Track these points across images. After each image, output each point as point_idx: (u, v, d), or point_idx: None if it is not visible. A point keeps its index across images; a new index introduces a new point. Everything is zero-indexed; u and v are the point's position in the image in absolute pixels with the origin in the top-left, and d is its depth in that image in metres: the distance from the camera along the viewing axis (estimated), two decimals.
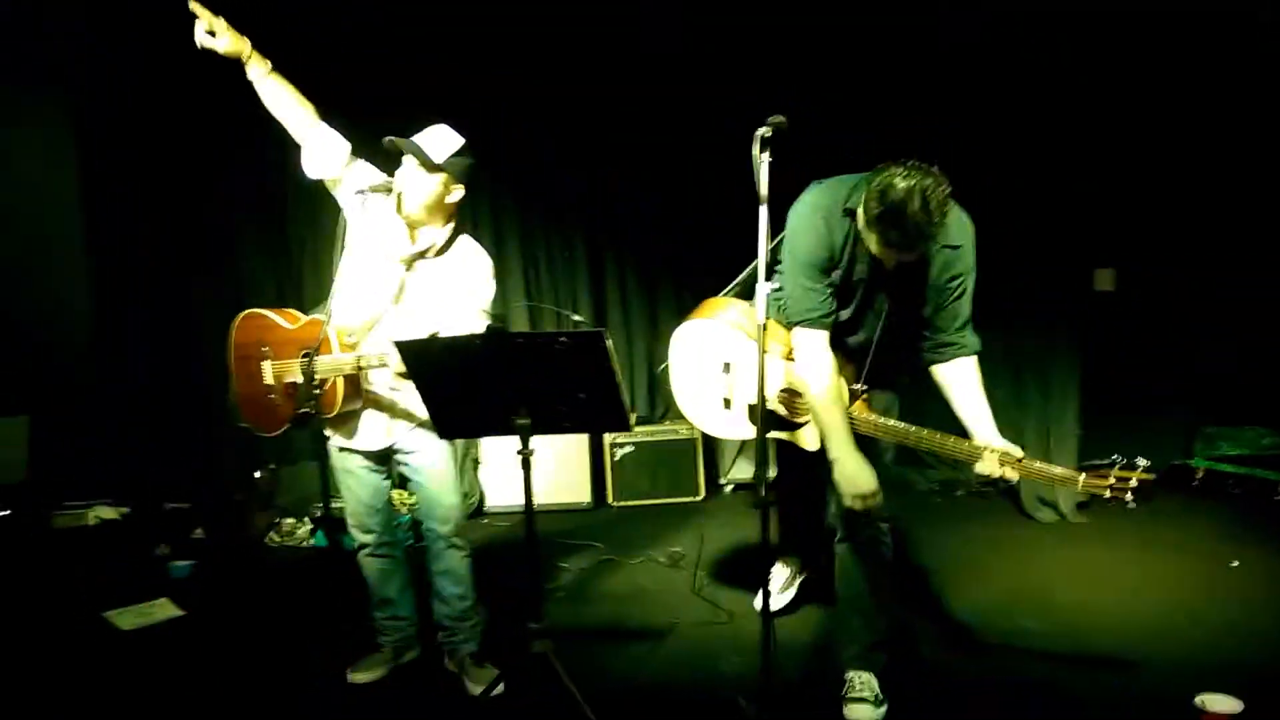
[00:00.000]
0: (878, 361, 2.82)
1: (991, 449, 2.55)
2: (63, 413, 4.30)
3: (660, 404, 6.00)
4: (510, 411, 2.51)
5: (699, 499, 5.38)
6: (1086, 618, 3.41)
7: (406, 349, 2.51)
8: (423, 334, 2.65)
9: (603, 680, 3.02)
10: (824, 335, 2.71)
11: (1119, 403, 5.43)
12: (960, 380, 2.72)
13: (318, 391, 2.76)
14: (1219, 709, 2.42)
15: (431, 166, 2.79)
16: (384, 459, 3.10)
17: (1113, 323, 5.28)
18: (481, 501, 5.32)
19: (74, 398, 4.53)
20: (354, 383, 2.88)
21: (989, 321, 5.07)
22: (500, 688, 2.86)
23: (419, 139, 2.83)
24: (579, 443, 5.30)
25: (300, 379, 2.77)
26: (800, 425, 3.00)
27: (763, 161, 2.38)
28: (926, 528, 4.57)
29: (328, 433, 3.02)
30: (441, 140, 2.83)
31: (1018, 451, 2.55)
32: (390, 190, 2.82)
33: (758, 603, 3.77)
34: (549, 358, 2.41)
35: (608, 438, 5.36)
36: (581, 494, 5.36)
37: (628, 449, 5.39)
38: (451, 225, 2.93)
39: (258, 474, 4.96)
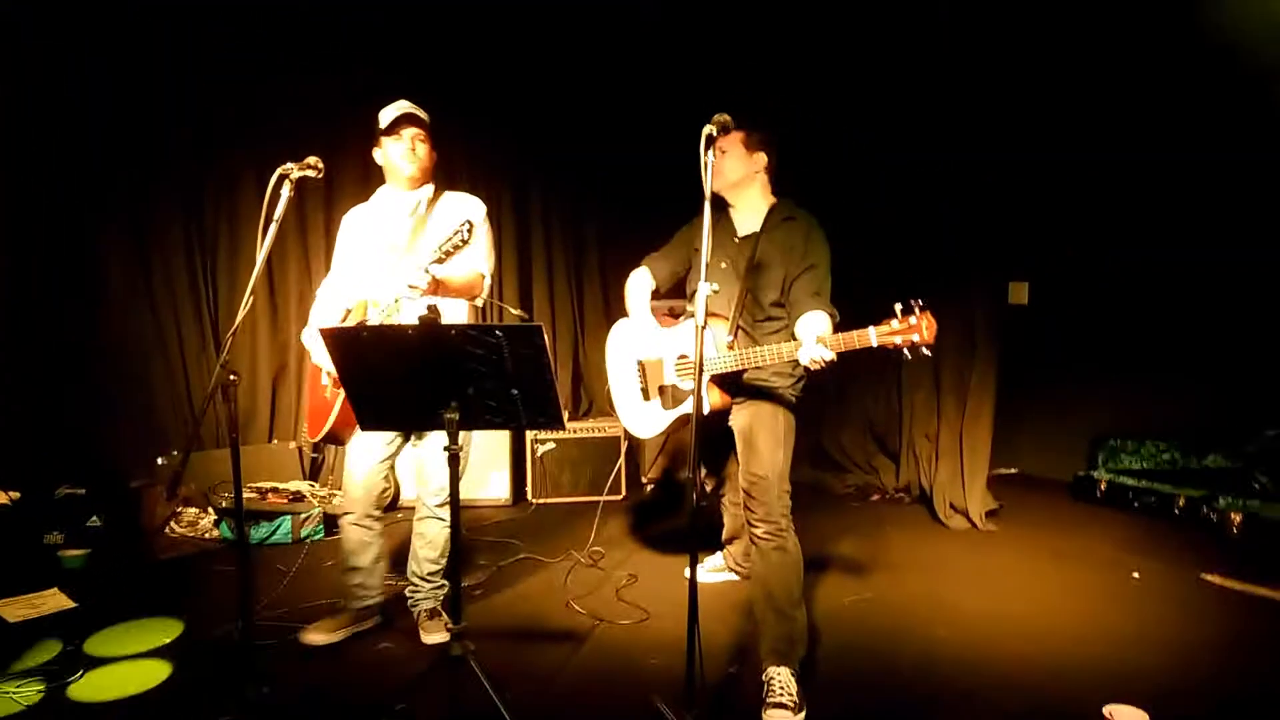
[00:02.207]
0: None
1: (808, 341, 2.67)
2: None
3: (585, 400, 5.96)
4: (439, 405, 2.44)
5: (620, 498, 5.35)
6: (996, 626, 3.48)
7: (330, 336, 2.40)
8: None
9: (523, 682, 2.96)
10: None
11: (1028, 413, 5.63)
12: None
13: None
14: (1127, 719, 2.49)
15: (427, 128, 3.24)
16: (404, 436, 3.34)
17: (1025, 335, 5.45)
18: (397, 495, 5.19)
19: None
20: None
21: None
22: (445, 639, 2.92)
23: (405, 108, 3.21)
24: (499, 438, 5.22)
25: None
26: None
27: (708, 159, 2.37)
28: (842, 532, 4.63)
29: None
30: (417, 107, 3.25)
31: (826, 333, 2.69)
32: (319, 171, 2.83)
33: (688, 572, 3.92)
34: (483, 350, 2.34)
35: (530, 433, 5.29)
36: (500, 490, 5.28)
37: (550, 446, 5.32)
38: (433, 183, 3.34)
39: (160, 460, 4.74)
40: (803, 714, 2.74)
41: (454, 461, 2.49)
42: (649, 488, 5.58)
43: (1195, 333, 5.10)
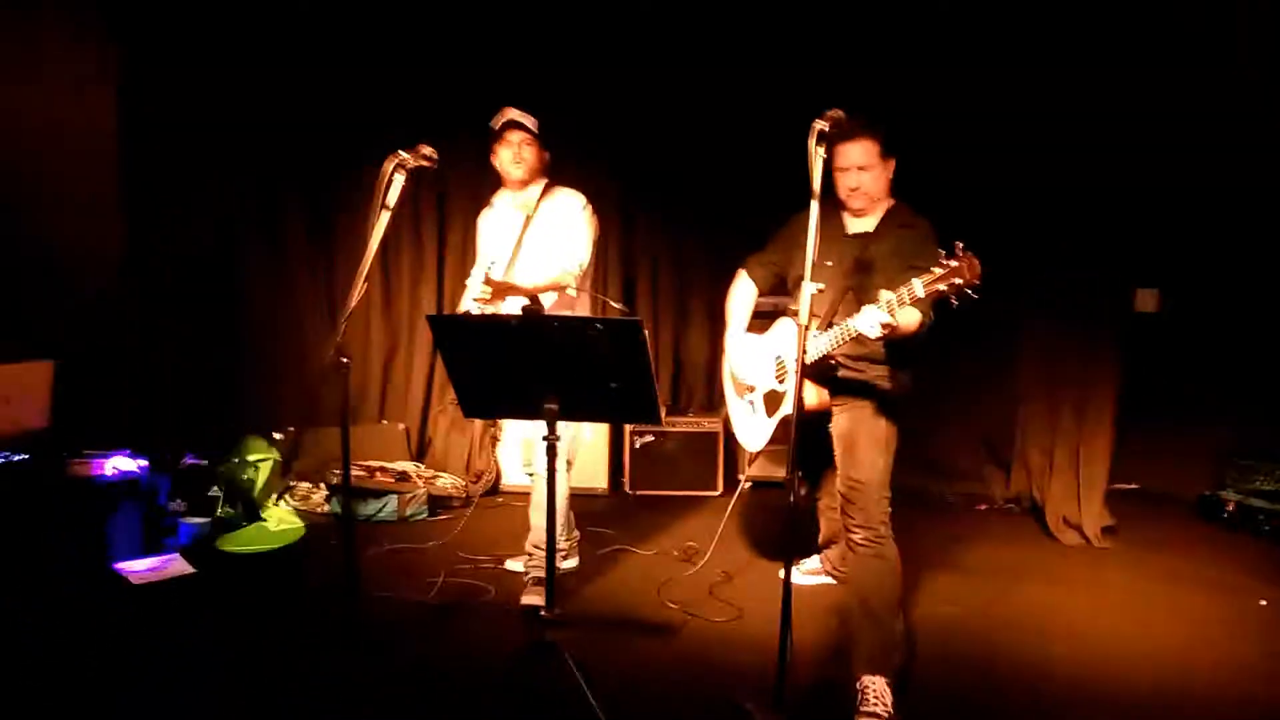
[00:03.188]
0: None
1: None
2: (86, 360, 4.27)
3: (684, 395, 5.94)
4: (539, 395, 2.47)
5: (717, 493, 5.33)
6: (1107, 646, 3.31)
7: (438, 323, 2.46)
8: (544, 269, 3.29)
9: (611, 671, 2.96)
10: None
11: (1153, 428, 5.34)
12: None
13: None
14: None
15: (533, 133, 3.50)
16: None
17: (1153, 345, 5.17)
18: (497, 480, 5.29)
19: (98, 346, 4.51)
20: None
21: (1031, 332, 5.04)
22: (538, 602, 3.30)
23: (512, 115, 3.48)
24: (599, 428, 5.26)
25: None
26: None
27: (818, 156, 2.32)
28: (947, 541, 4.49)
29: None
30: (523, 114, 3.51)
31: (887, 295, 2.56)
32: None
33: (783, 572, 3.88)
34: (583, 344, 2.36)
35: (629, 425, 5.32)
36: (598, 480, 5.32)
37: (648, 438, 5.34)
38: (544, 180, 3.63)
39: (277, 435, 4.95)
40: None
41: (551, 451, 2.51)
42: (746, 486, 5.52)
43: None
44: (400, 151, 2.82)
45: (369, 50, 5.26)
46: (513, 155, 3.51)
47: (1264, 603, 3.76)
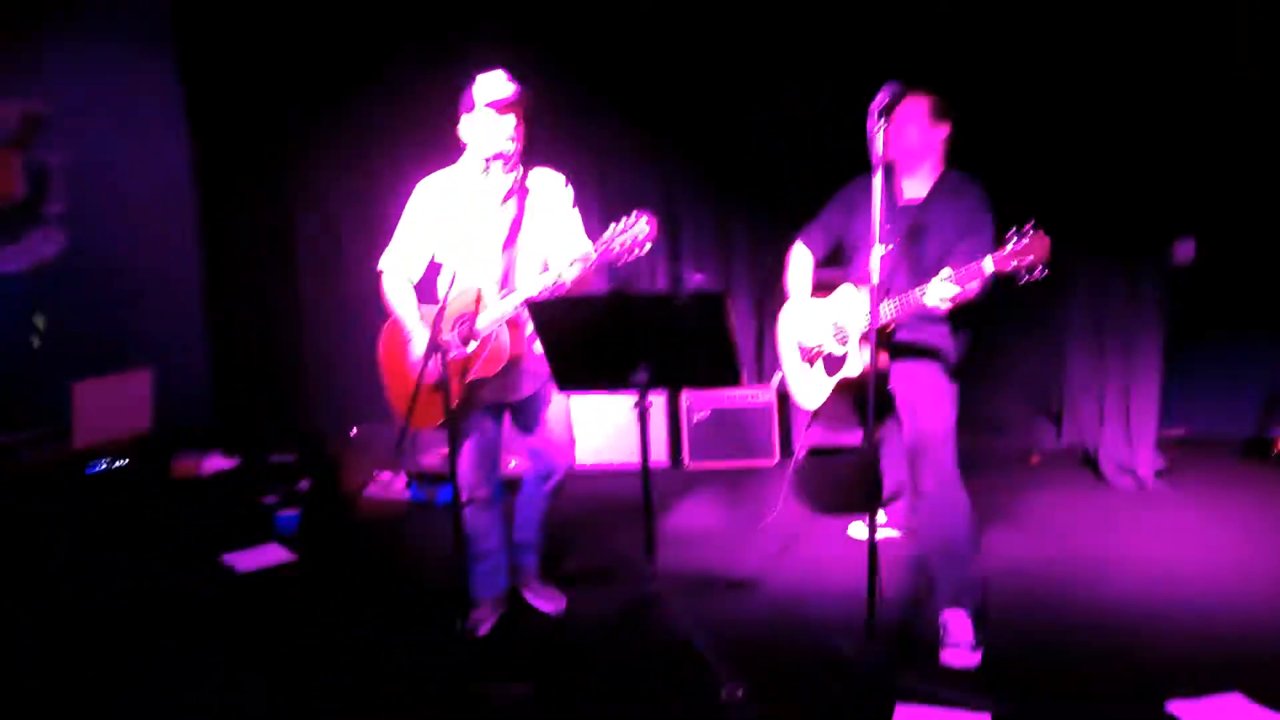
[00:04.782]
0: None
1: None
2: (180, 367, 4.54)
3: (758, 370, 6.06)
4: (628, 367, 2.66)
5: (774, 463, 5.50)
6: (1171, 584, 3.46)
7: (536, 307, 2.66)
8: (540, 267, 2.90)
9: (709, 623, 3.08)
10: None
11: (1198, 372, 5.45)
12: None
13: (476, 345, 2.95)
14: None
15: (519, 110, 2.94)
16: (499, 412, 3.23)
17: (1195, 292, 5.28)
18: None
19: (188, 356, 4.78)
20: (518, 330, 2.98)
21: (1073, 285, 5.17)
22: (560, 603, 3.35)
23: (497, 88, 2.91)
24: (656, 404, 5.42)
25: (462, 347, 2.94)
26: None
27: (881, 126, 2.49)
28: (1005, 491, 4.64)
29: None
30: (511, 84, 2.94)
31: (947, 272, 2.75)
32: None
33: (853, 530, 4.10)
34: (669, 317, 2.55)
35: (684, 401, 5.50)
36: (659, 454, 5.50)
37: (704, 414, 5.52)
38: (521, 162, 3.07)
39: (354, 430, 5.19)
40: (979, 654, 2.85)
41: (642, 418, 2.71)
42: (802, 453, 5.69)
43: None
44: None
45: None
46: (494, 132, 2.92)
47: None
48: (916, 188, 3.17)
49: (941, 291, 2.70)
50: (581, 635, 3.20)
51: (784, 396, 5.62)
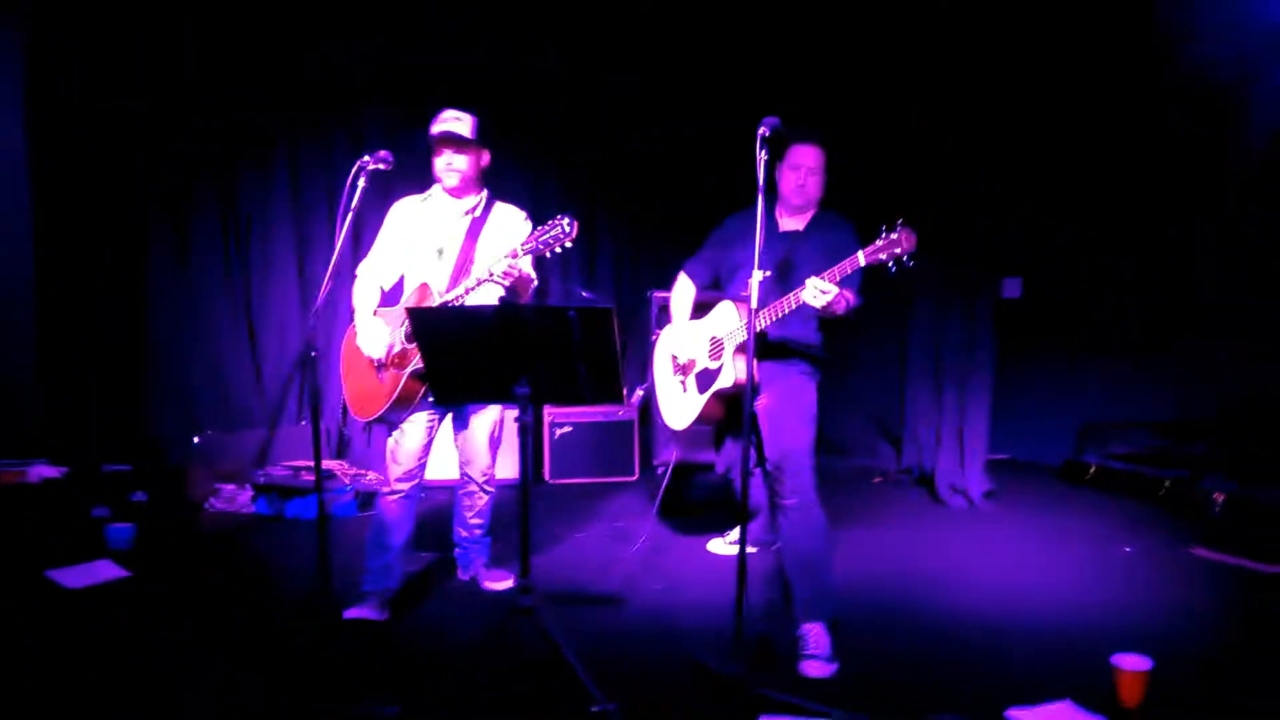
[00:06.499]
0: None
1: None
2: (2, 368, 4.18)
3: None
4: (512, 380, 2.66)
5: (633, 478, 5.59)
6: (1003, 593, 3.74)
7: (418, 316, 2.62)
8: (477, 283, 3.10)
9: (576, 638, 3.11)
10: None
11: (1020, 401, 5.94)
12: None
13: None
14: (1134, 666, 2.75)
15: (467, 144, 3.36)
16: (442, 415, 3.47)
17: (1017, 328, 5.75)
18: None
19: (13, 356, 4.40)
20: None
21: (918, 323, 5.54)
22: (508, 586, 3.63)
23: (446, 125, 3.33)
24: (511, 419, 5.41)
25: (406, 343, 3.20)
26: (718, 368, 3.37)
27: (762, 157, 2.61)
28: (850, 511, 4.88)
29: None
30: (463, 120, 3.32)
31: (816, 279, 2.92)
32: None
33: (712, 546, 4.28)
34: (556, 330, 2.57)
35: (547, 418, 5.52)
36: (514, 470, 5.47)
37: (567, 429, 5.55)
38: (485, 190, 3.53)
39: (196, 439, 4.92)
40: (836, 665, 2.98)
41: (524, 432, 2.71)
42: (660, 470, 5.80)
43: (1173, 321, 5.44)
44: (365, 157, 2.96)
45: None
46: (443, 165, 3.40)
47: (1129, 550, 4.29)
48: (795, 222, 3.35)
49: (817, 285, 2.85)
50: (452, 652, 3.14)
51: (644, 412, 5.74)
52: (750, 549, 4.12)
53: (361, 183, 2.94)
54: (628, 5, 5.59)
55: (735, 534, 4.27)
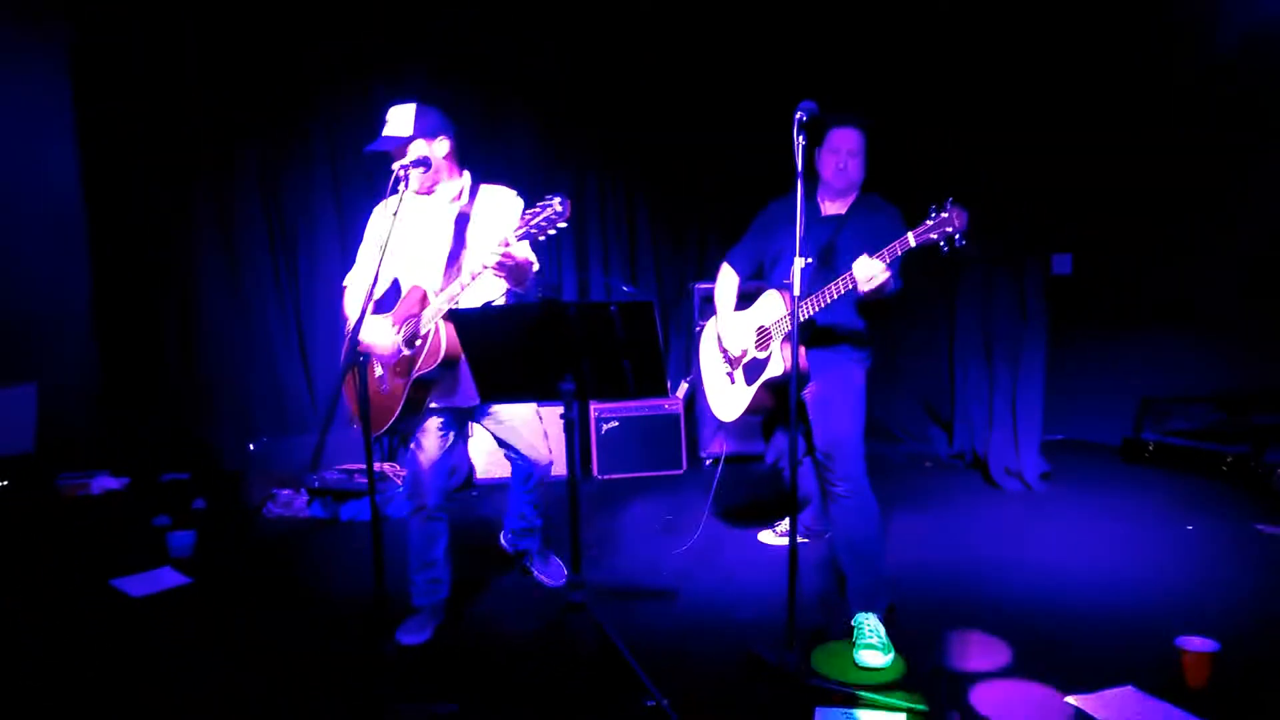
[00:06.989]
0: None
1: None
2: (63, 382, 4.30)
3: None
4: (556, 377, 2.67)
5: (680, 472, 5.58)
6: (1062, 577, 3.66)
7: (459, 318, 2.63)
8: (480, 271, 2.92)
9: (630, 632, 3.11)
10: None
11: (1076, 380, 5.81)
12: None
13: (419, 343, 3.06)
14: (1199, 648, 2.68)
15: (408, 143, 3.09)
16: (463, 420, 3.34)
17: (1072, 304, 5.63)
18: (470, 474, 5.44)
19: (75, 371, 4.53)
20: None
21: (966, 303, 5.45)
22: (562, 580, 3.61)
23: (390, 130, 3.10)
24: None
25: (406, 350, 3.10)
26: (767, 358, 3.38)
27: (800, 141, 2.58)
28: (902, 497, 4.82)
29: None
30: (402, 117, 3.10)
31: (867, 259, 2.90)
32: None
33: (763, 537, 4.24)
34: (599, 326, 2.56)
35: (593, 413, 5.53)
36: (562, 468, 5.49)
37: (613, 424, 5.55)
38: (465, 173, 3.27)
39: (251, 445, 5.00)
40: (891, 654, 2.95)
41: (570, 428, 2.71)
42: (709, 462, 5.79)
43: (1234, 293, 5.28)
44: (399, 162, 2.98)
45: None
46: (401, 170, 3.01)
47: (1190, 528, 4.19)
48: (837, 206, 3.31)
49: (865, 269, 2.82)
50: (506, 649, 3.17)
51: (689, 405, 5.73)
52: (802, 539, 4.14)
53: (402, 188, 2.97)
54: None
55: (786, 524, 4.25)
